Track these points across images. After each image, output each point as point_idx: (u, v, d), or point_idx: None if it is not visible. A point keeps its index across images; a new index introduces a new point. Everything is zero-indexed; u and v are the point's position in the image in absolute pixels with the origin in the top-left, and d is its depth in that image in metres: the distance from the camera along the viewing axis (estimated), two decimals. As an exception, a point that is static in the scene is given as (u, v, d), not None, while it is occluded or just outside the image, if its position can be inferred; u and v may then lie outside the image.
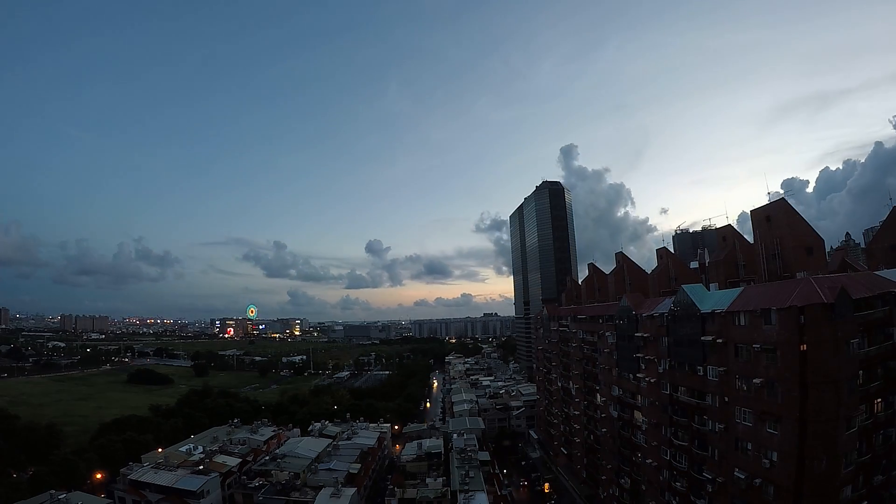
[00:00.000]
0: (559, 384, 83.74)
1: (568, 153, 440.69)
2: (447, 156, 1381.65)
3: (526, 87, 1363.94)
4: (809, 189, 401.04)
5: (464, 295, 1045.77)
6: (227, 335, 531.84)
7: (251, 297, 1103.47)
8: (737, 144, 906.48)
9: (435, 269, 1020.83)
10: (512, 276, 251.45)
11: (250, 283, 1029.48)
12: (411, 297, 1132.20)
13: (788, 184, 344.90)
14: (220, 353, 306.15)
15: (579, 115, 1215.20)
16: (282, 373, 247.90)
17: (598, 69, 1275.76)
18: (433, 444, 72.41)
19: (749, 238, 47.73)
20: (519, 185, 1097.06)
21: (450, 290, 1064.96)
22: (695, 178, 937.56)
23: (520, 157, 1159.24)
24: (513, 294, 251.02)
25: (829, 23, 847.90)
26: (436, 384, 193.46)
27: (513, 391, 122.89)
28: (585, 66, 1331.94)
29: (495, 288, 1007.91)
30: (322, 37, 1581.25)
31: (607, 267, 74.16)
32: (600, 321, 65.00)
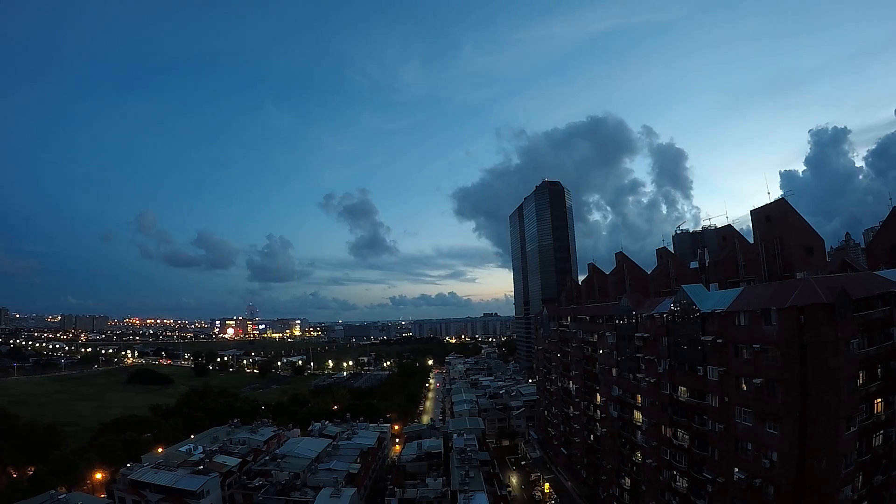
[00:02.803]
0: (559, 384, 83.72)
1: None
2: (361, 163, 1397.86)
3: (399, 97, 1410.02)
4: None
5: (451, 294, 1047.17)
6: (226, 335, 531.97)
7: (244, 297, 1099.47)
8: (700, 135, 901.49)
9: (415, 267, 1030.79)
10: (502, 274, 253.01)
11: (238, 283, 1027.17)
12: (393, 294, 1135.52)
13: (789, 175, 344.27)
14: (220, 353, 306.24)
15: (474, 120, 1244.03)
16: (282, 373, 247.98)
17: (455, 73, 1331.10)
18: (433, 444, 72.30)
19: (749, 238, 47.78)
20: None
21: (433, 288, 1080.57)
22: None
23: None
24: (503, 293, 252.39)
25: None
26: (436, 384, 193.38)
27: (513, 391, 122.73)
28: (441, 70, 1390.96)
29: (484, 288, 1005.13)
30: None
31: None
32: (600, 321, 64.97)
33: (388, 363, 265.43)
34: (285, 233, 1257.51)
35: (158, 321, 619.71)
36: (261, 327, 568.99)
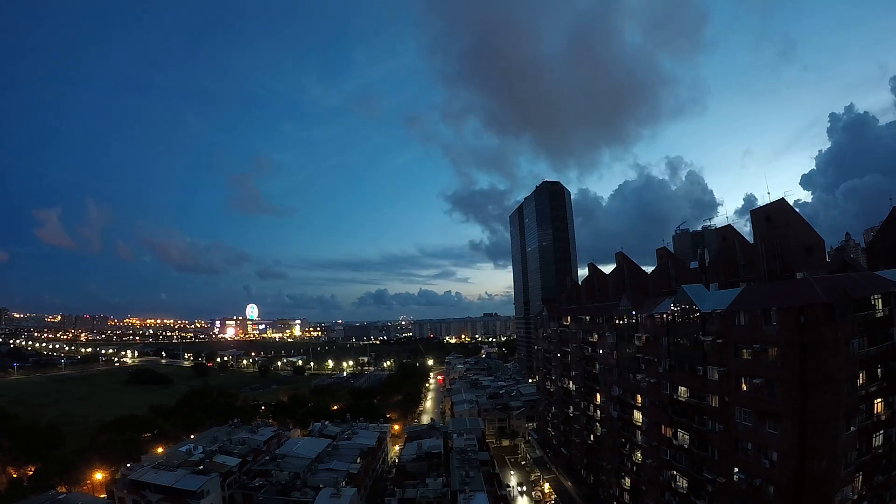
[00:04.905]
0: (559, 384, 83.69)
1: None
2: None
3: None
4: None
5: (445, 293, 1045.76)
6: (226, 335, 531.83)
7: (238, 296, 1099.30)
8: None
9: (401, 266, 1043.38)
10: (493, 272, 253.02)
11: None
12: (371, 290, 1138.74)
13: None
14: (219, 353, 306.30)
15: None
16: (282, 373, 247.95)
17: (358, 82, 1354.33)
18: (433, 444, 72.29)
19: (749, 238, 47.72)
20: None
21: (420, 288, 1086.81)
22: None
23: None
24: (495, 292, 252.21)
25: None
26: (436, 383, 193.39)
27: (513, 391, 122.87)
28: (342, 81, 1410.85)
29: (474, 287, 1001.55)
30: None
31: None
32: (600, 321, 64.95)
33: (388, 363, 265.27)
34: (270, 235, 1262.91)
35: (158, 321, 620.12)
36: (261, 327, 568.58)
